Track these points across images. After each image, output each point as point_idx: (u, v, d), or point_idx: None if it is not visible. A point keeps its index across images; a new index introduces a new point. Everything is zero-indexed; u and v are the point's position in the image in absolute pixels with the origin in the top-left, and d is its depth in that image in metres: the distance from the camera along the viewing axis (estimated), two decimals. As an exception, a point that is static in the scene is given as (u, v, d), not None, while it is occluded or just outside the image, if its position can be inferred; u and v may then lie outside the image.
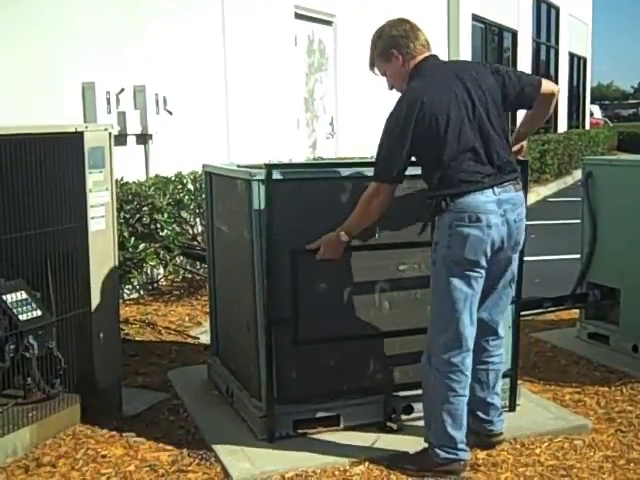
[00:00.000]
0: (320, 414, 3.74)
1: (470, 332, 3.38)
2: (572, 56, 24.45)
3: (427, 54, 3.49)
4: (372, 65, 3.62)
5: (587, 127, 25.84)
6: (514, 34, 17.87)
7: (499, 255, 3.38)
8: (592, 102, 27.53)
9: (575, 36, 23.94)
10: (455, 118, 3.28)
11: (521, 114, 3.90)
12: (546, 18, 21.39)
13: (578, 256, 5.35)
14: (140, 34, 6.78)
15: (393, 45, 3.46)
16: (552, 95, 3.58)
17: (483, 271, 3.34)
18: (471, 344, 3.40)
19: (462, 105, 3.31)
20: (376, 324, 3.80)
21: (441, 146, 3.27)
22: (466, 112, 3.31)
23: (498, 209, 3.30)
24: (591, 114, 29.76)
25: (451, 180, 3.29)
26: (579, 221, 5.32)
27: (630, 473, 3.45)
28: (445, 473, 3.39)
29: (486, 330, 3.55)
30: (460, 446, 3.41)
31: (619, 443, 3.73)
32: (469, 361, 3.40)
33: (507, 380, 3.94)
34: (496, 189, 3.31)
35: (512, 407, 3.99)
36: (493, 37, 17.05)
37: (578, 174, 15.60)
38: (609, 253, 5.07)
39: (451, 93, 3.31)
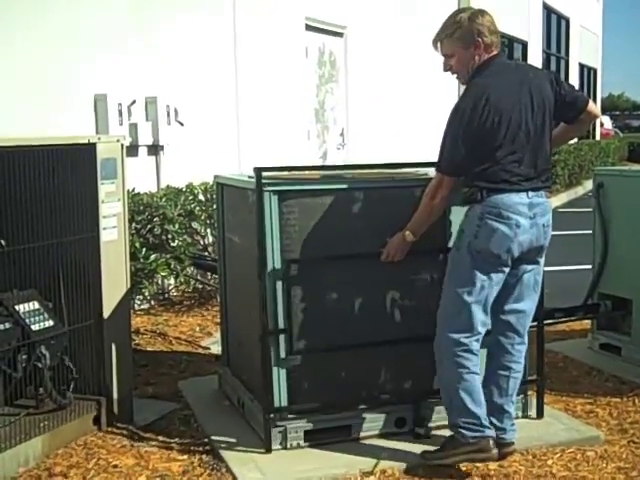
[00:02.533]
0: (331, 424, 3.74)
1: (482, 318, 3.46)
2: (582, 67, 24.45)
3: (497, 51, 3.55)
4: (439, 42, 3.60)
5: (598, 138, 25.80)
6: (524, 45, 17.88)
7: (526, 258, 3.48)
8: (603, 113, 27.47)
9: (585, 47, 23.95)
10: (515, 121, 3.38)
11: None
12: (556, 29, 21.41)
13: (589, 267, 5.33)
14: (152, 46, 6.82)
15: (479, 33, 3.48)
16: (594, 117, 3.77)
17: (505, 268, 3.44)
18: (482, 330, 3.48)
19: (523, 109, 3.40)
20: (381, 333, 3.80)
21: (496, 145, 3.37)
22: (525, 116, 3.41)
23: (529, 212, 3.41)
24: (601, 125, 29.71)
25: (493, 176, 3.39)
26: (590, 232, 5.32)
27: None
28: (476, 452, 3.44)
29: (511, 333, 3.62)
30: (484, 423, 3.46)
31: (632, 454, 3.71)
32: (477, 345, 3.48)
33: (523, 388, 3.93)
34: (530, 193, 3.43)
35: (540, 414, 4.00)
36: (503, 48, 17.03)
37: (588, 185, 15.60)
38: (621, 263, 5.05)
39: (515, 96, 3.40)
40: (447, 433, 3.63)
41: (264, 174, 3.74)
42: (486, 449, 3.44)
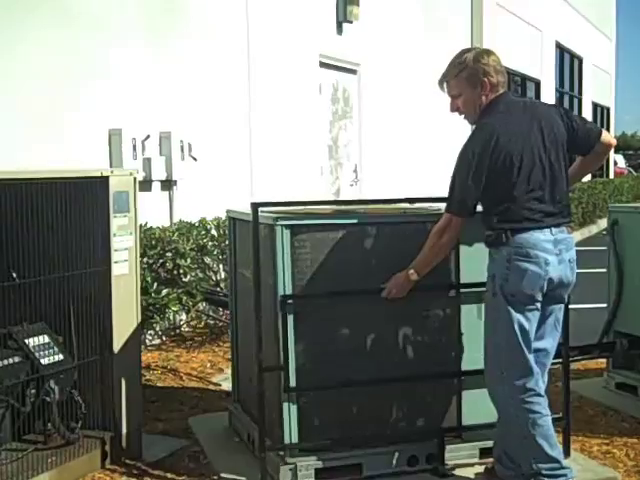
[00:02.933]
0: (342, 462, 3.68)
1: (532, 359, 3.43)
2: (596, 106, 24.50)
3: (503, 90, 3.55)
4: (445, 82, 3.61)
5: (611, 176, 25.76)
6: (537, 84, 17.94)
7: (553, 296, 3.47)
8: (616, 151, 27.48)
9: (598, 86, 24.03)
10: (527, 159, 3.37)
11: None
12: (569, 68, 21.51)
13: (604, 305, 5.27)
14: (166, 81, 6.87)
15: (485, 73, 3.48)
16: (609, 146, 3.72)
17: (539, 304, 3.42)
18: (536, 369, 3.44)
19: (535, 146, 3.39)
20: (393, 369, 3.76)
21: (511, 184, 3.36)
22: (538, 153, 3.40)
23: (554, 248, 3.40)
24: (615, 163, 29.68)
25: (514, 215, 3.38)
26: (604, 270, 5.26)
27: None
28: None
29: None
30: (564, 464, 3.42)
31: (650, 496, 3.65)
32: (541, 383, 3.45)
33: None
34: (553, 229, 3.41)
35: (567, 453, 3.91)
36: (516, 87, 17.11)
37: (602, 223, 15.52)
38: (637, 301, 4.99)
39: (526, 134, 3.40)
40: (466, 472, 3.64)
41: (274, 209, 3.75)
42: None
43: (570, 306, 3.96)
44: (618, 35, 27.24)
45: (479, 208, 3.49)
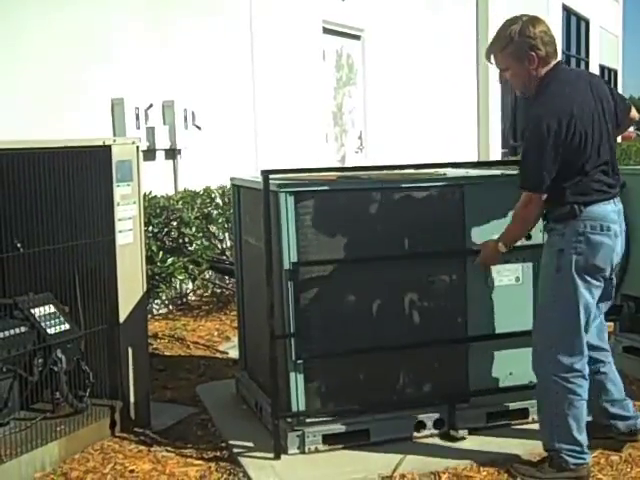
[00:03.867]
0: (349, 428, 3.69)
1: (586, 339, 3.41)
2: (603, 69, 24.25)
3: (557, 60, 3.45)
4: (491, 56, 3.49)
5: (619, 140, 25.60)
6: (544, 47, 17.74)
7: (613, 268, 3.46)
8: (624, 115, 27.23)
9: (606, 48, 23.77)
10: (597, 132, 3.32)
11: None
12: (576, 31, 21.25)
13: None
14: (169, 50, 6.82)
15: (533, 47, 3.36)
16: (632, 120, 3.69)
17: (604, 281, 3.41)
18: (587, 351, 3.43)
19: (600, 118, 3.35)
20: (400, 336, 3.75)
21: (585, 158, 3.31)
22: (605, 126, 3.37)
23: (618, 219, 3.39)
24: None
25: (586, 189, 3.34)
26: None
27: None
28: (574, 479, 3.39)
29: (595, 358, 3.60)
30: (586, 450, 3.43)
31: (655, 459, 3.64)
32: (587, 369, 3.44)
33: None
34: (616, 200, 3.41)
35: None
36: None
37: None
38: (644, 265, 4.95)
39: (592, 106, 3.34)
40: (475, 436, 3.67)
41: (279, 176, 3.73)
42: (584, 477, 3.41)
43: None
44: (626, -4, 26.90)
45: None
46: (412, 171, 4.16)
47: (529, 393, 3.88)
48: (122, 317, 3.91)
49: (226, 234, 6.69)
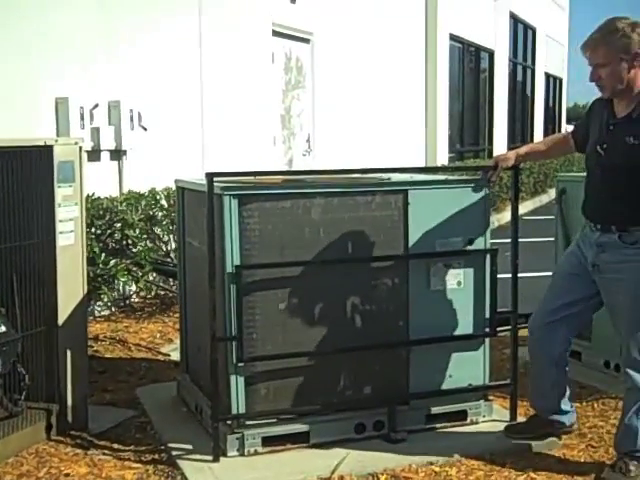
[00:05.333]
0: (289, 431, 3.70)
1: None
2: (548, 76, 24.68)
3: None
4: (592, 48, 3.36)
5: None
6: (491, 54, 18.00)
7: None
8: (568, 122, 27.71)
9: (551, 57, 24.19)
10: None
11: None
12: (523, 38, 21.59)
13: (551, 273, 5.33)
14: (116, 49, 6.76)
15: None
16: None
17: None
18: None
19: None
20: (342, 339, 3.76)
21: None
22: None
23: None
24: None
25: None
26: (553, 239, 5.32)
27: (600, 489, 3.44)
28: None
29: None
30: None
31: (590, 458, 3.72)
32: None
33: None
34: None
35: (514, 418, 4.03)
36: (470, 57, 17.16)
37: (553, 193, 15.64)
38: (582, 270, 5.04)
39: None
40: (415, 438, 3.74)
41: (224, 179, 3.72)
42: None
43: (519, 274, 4.03)
44: (571, 5, 27.41)
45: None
46: (358, 175, 4.18)
47: (468, 395, 3.96)
48: (61, 319, 3.86)
49: (171, 236, 6.65)
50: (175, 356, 5.17)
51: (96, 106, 6.52)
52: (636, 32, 3.30)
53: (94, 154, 6.48)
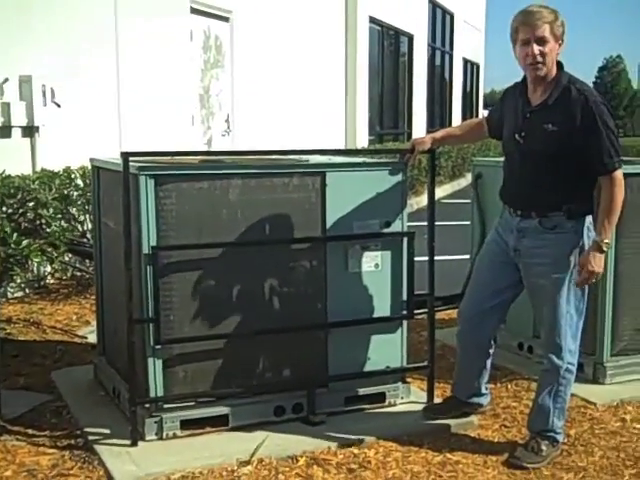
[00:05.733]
0: (208, 414, 3.68)
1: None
2: (466, 62, 25.03)
3: None
4: (545, 24, 3.35)
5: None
6: (410, 38, 18.14)
7: None
8: (485, 107, 28.20)
9: (469, 42, 24.53)
10: None
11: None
12: (441, 24, 21.83)
13: (468, 256, 5.43)
14: (26, 22, 6.53)
15: (563, 34, 3.43)
16: None
17: None
18: None
19: None
20: (259, 321, 3.75)
21: None
22: None
23: None
24: (484, 119, 30.47)
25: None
26: (469, 222, 5.40)
27: (512, 467, 3.52)
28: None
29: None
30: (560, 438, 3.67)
31: (503, 438, 3.81)
32: None
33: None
34: None
35: (430, 399, 4.11)
36: (390, 40, 17.25)
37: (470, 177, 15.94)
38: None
39: None
40: (334, 420, 3.76)
41: (140, 159, 3.65)
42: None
43: (435, 257, 4.07)
44: (489, -8, 27.79)
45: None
46: (277, 157, 4.16)
47: (386, 378, 4.01)
48: (-29, 301, 3.75)
49: (87, 216, 6.51)
50: (92, 339, 5.08)
51: (6, 80, 6.32)
52: (562, 20, 3.42)
53: (4, 130, 6.30)
